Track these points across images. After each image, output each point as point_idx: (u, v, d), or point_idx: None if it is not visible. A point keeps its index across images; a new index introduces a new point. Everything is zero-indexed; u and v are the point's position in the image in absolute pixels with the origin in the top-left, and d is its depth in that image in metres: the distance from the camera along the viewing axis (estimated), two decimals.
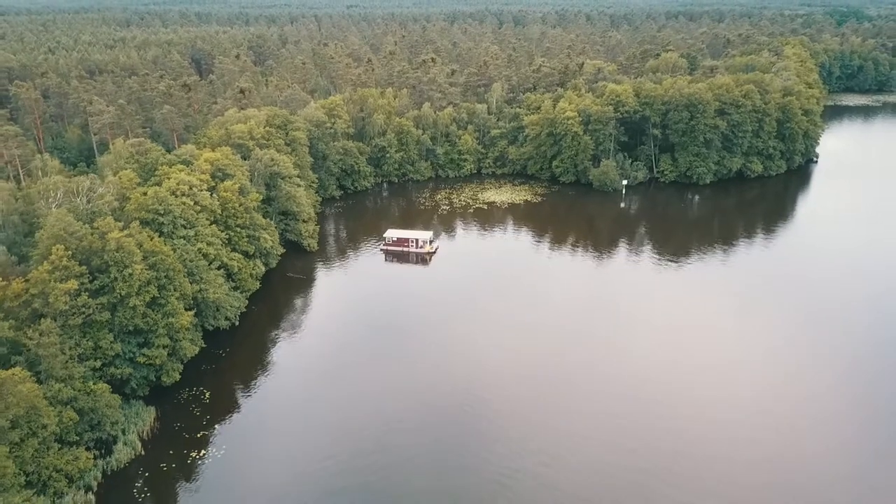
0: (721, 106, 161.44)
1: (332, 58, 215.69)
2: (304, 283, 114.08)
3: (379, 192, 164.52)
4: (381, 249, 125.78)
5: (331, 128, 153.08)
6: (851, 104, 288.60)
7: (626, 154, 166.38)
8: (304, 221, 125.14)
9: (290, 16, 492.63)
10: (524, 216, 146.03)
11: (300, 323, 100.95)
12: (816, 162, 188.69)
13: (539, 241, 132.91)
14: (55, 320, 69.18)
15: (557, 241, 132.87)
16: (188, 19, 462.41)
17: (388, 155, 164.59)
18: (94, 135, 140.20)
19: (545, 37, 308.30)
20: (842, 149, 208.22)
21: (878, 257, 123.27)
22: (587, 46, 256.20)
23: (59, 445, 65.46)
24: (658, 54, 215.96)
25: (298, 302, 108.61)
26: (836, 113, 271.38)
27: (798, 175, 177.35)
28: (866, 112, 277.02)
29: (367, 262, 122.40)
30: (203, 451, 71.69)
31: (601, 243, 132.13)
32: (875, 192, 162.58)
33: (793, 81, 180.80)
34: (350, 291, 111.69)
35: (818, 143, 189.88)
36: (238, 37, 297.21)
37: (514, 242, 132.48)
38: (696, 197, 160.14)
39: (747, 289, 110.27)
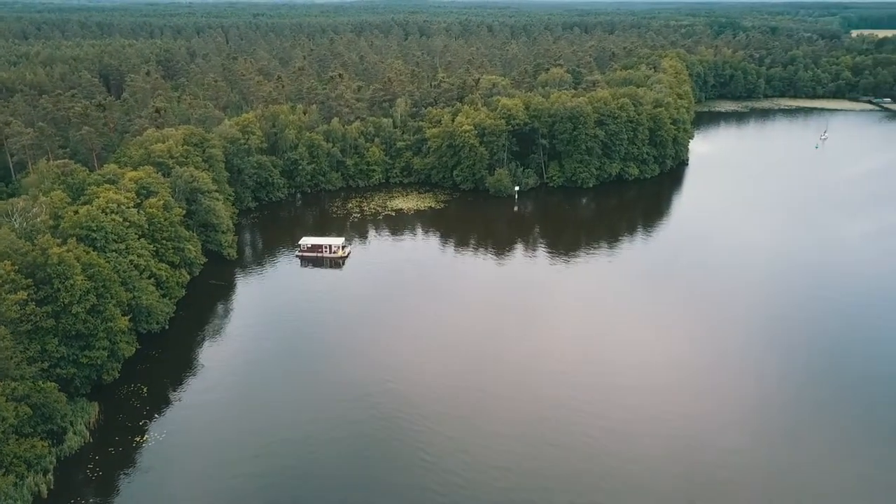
0: (600, 117, 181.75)
1: (242, 74, 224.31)
2: (226, 290, 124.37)
3: (293, 202, 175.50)
4: (297, 256, 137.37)
5: (245, 144, 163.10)
6: (724, 110, 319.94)
7: (518, 162, 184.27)
8: (223, 232, 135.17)
9: (195, 26, 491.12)
10: (429, 221, 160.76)
11: (224, 325, 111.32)
12: (688, 164, 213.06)
13: (444, 244, 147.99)
14: (7, 327, 78.19)
15: (461, 243, 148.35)
16: (89, 30, 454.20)
17: (300, 167, 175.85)
18: (12, 156, 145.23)
19: (448, 50, 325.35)
20: (713, 151, 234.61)
21: (743, 245, 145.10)
22: (486, 60, 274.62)
23: (17, 437, 74.72)
24: (548, 69, 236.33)
25: (221, 307, 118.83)
26: (711, 118, 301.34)
27: (671, 176, 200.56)
28: (737, 117, 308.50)
29: (284, 268, 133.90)
30: (146, 437, 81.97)
31: (500, 244, 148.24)
32: (738, 189, 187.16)
33: (664, 94, 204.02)
34: (269, 295, 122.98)
35: (688, 148, 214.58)
36: (145, 50, 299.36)
37: (422, 245, 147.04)
38: (584, 199, 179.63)
39: (633, 278, 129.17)
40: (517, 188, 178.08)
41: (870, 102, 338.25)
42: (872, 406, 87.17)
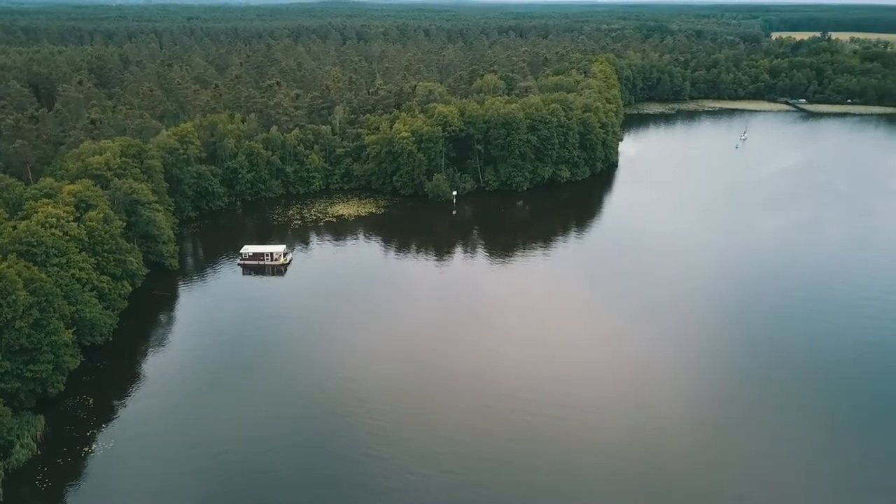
0: (532, 123, 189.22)
1: (179, 83, 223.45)
2: (169, 300, 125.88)
3: (234, 211, 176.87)
4: (239, 264, 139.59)
5: (184, 154, 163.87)
6: (652, 112, 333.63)
7: (455, 167, 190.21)
8: (164, 243, 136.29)
9: (127, 30, 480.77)
10: (371, 226, 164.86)
11: (167, 335, 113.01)
12: (617, 166, 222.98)
13: (386, 248, 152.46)
14: None
15: (402, 248, 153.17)
16: (14, 35, 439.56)
17: (240, 176, 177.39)
18: None
19: (385, 55, 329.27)
20: (642, 152, 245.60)
21: (671, 241, 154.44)
22: (422, 66, 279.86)
23: None
24: (482, 75, 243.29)
25: (164, 317, 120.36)
26: (640, 120, 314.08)
27: (601, 178, 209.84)
28: (664, 118, 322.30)
29: (226, 277, 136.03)
30: (94, 447, 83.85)
31: (440, 247, 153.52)
32: (665, 189, 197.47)
33: (592, 98, 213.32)
34: (212, 304, 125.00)
35: (617, 150, 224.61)
36: (76, 58, 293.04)
37: (364, 250, 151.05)
38: (519, 202, 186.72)
39: (568, 275, 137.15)
40: (455, 192, 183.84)
41: (786, 103, 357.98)
42: (811, 395, 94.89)
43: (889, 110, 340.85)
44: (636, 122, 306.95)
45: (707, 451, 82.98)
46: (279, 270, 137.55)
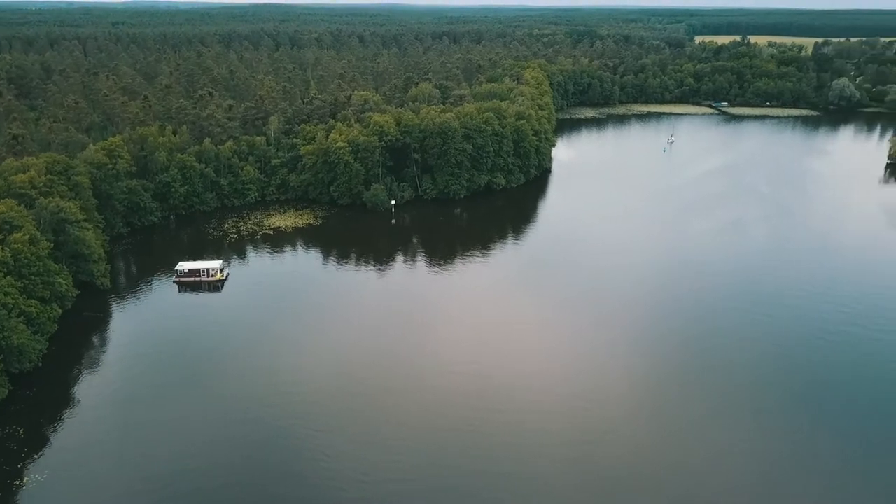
0: (467, 132, 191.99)
1: (105, 94, 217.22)
2: (101, 321, 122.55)
3: (167, 226, 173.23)
4: (175, 281, 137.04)
5: (113, 168, 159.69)
6: (584, 116, 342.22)
7: (393, 176, 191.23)
8: (95, 262, 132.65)
9: (48, 36, 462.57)
10: (309, 237, 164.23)
11: (100, 358, 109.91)
12: (551, 171, 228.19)
13: (325, 259, 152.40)
14: None
15: (341, 258, 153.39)
16: None
17: (173, 189, 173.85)
18: None
19: (319, 63, 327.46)
20: (574, 157, 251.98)
21: (604, 243, 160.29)
22: (357, 74, 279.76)
23: None
24: (417, 83, 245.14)
25: (97, 339, 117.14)
26: (572, 125, 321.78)
27: (536, 184, 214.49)
28: (596, 123, 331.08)
29: (161, 295, 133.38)
30: (25, 479, 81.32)
31: (380, 256, 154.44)
32: (596, 193, 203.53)
33: (525, 106, 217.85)
34: (146, 323, 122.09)
35: (550, 156, 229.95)
36: None
37: (303, 262, 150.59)
38: (457, 210, 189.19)
39: (507, 279, 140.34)
40: (394, 202, 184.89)
41: (710, 106, 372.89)
42: (737, 386, 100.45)
43: (804, 112, 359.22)
44: (569, 126, 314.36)
45: (651, 446, 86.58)
46: (216, 286, 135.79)
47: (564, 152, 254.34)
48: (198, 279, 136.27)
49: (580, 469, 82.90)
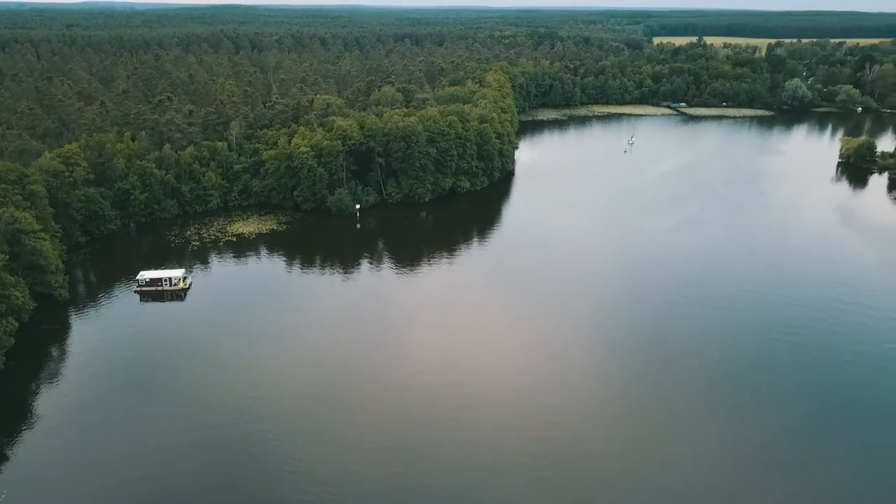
0: (431, 135, 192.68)
1: (60, 99, 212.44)
2: (60, 333, 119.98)
3: (127, 234, 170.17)
4: (136, 291, 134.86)
5: (69, 176, 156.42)
6: (546, 118, 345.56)
7: (357, 181, 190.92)
8: (52, 273, 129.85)
9: None
10: (273, 243, 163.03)
11: (60, 371, 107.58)
12: (514, 174, 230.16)
13: (290, 265, 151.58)
14: None
15: (306, 263, 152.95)
16: None
17: (132, 197, 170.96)
18: None
19: (281, 66, 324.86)
20: (537, 159, 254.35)
21: (568, 244, 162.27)
22: (319, 77, 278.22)
23: None
24: (380, 86, 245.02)
25: (56, 352, 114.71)
26: (535, 127, 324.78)
27: (499, 186, 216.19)
28: (558, 124, 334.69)
29: (123, 305, 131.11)
30: None
31: (346, 261, 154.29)
32: (559, 194, 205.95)
33: (488, 109, 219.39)
34: (107, 335, 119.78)
35: (514, 159, 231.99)
36: None
37: (267, 268, 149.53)
38: (422, 213, 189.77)
39: (473, 281, 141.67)
40: (358, 206, 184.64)
41: (668, 107, 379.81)
42: (700, 383, 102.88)
43: (759, 112, 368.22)
44: (531, 128, 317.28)
45: (617, 444, 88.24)
46: (178, 295, 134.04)
47: (527, 154, 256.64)
48: (160, 288, 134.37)
49: (548, 468, 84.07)
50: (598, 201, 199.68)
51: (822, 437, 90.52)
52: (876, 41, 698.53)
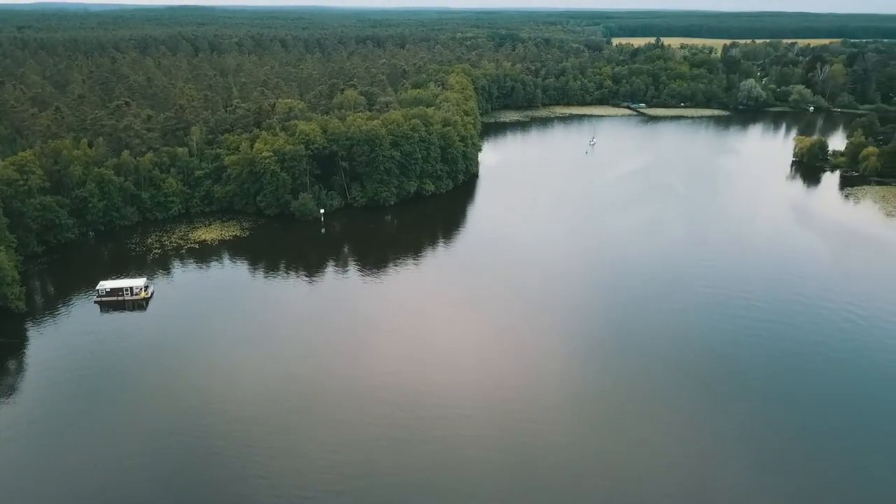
0: (395, 139, 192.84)
1: (13, 105, 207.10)
2: (16, 347, 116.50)
3: (86, 243, 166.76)
4: (96, 301, 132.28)
5: (24, 185, 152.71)
6: (508, 120, 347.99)
7: (321, 185, 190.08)
8: (7, 284, 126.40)
9: None
10: (236, 250, 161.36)
11: (16, 386, 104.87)
12: (478, 176, 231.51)
13: (254, 272, 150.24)
14: None
15: (271, 269, 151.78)
16: None
17: (90, 205, 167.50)
18: None
19: (241, 69, 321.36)
20: (500, 161, 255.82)
21: (533, 244, 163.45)
22: (281, 81, 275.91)
23: None
24: (343, 90, 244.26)
25: (13, 365, 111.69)
26: (497, 128, 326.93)
27: (464, 189, 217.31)
28: (520, 126, 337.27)
29: (82, 316, 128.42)
30: None
31: (311, 266, 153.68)
32: (523, 195, 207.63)
33: (451, 112, 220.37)
34: (67, 347, 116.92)
35: (477, 161, 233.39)
36: None
37: (231, 275, 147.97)
38: (388, 217, 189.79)
39: (441, 284, 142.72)
40: (322, 210, 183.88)
41: (628, 108, 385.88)
42: (660, 379, 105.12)
43: (716, 112, 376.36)
44: (494, 130, 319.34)
45: (580, 444, 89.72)
46: (140, 305, 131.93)
47: (491, 156, 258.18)
48: (121, 298, 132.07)
49: (518, 465, 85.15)
50: (561, 202, 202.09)
51: (781, 428, 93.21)
52: (826, 42, 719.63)
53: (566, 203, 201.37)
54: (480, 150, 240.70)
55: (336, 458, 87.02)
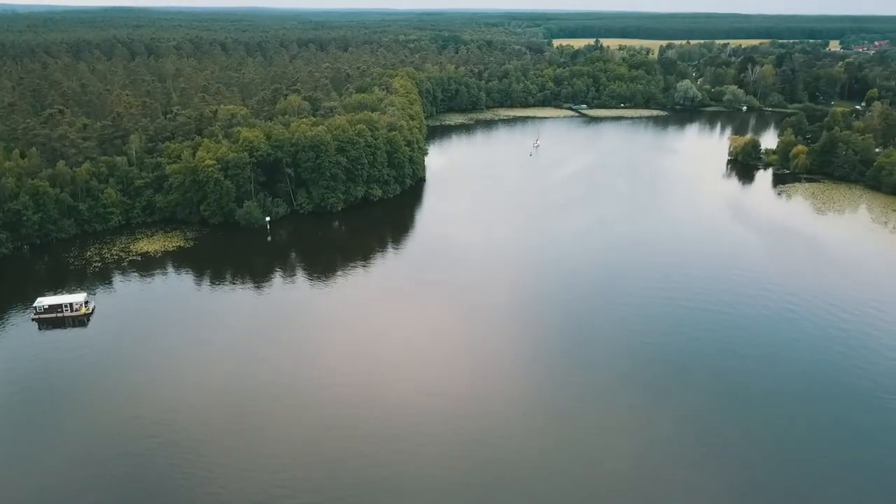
0: (340, 144, 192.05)
1: None
2: None
3: (20, 257, 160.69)
4: (33, 319, 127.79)
5: None
6: (453, 123, 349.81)
7: (266, 192, 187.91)
8: None
9: None
10: (180, 261, 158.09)
11: None
12: (425, 180, 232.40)
13: (199, 283, 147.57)
14: None
15: (217, 280, 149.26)
16: None
17: (24, 218, 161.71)
18: None
19: (180, 73, 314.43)
20: (447, 164, 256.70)
21: (482, 246, 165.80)
22: (222, 86, 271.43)
23: None
24: (286, 95, 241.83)
25: None
26: (443, 131, 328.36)
27: (411, 193, 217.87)
28: (465, 129, 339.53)
29: (19, 334, 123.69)
30: None
31: (258, 275, 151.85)
32: (470, 198, 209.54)
33: (397, 117, 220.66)
34: (3, 367, 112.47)
35: (424, 165, 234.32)
36: None
37: (175, 287, 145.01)
38: (335, 223, 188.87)
39: (391, 289, 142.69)
40: (269, 218, 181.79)
41: (571, 109, 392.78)
42: (610, 378, 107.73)
43: (655, 112, 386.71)
44: (439, 133, 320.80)
45: (534, 443, 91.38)
46: (81, 321, 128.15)
47: (437, 160, 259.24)
48: (60, 315, 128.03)
49: (469, 471, 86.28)
50: (508, 204, 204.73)
51: (724, 425, 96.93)
52: (756, 42, 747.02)
53: (513, 205, 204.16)
54: (427, 153, 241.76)
55: (288, 469, 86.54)
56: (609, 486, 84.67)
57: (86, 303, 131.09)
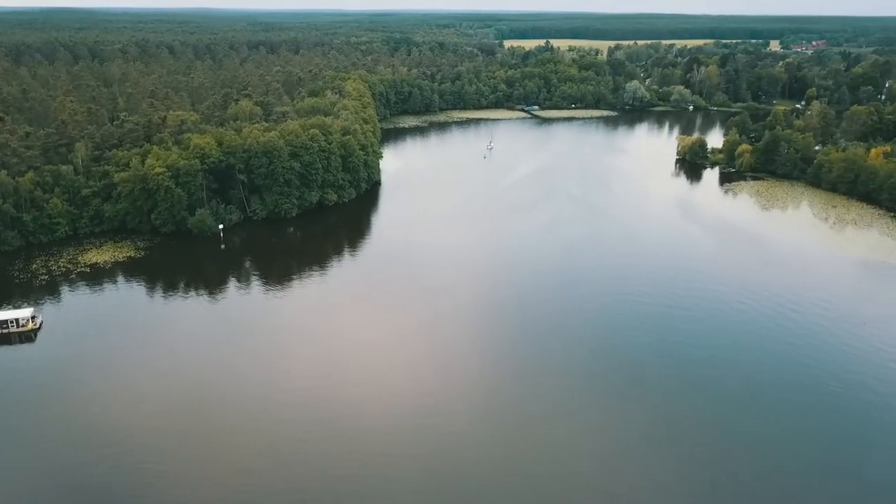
0: (293, 150, 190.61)
1: None
2: None
3: None
4: None
5: None
6: (407, 125, 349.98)
7: (219, 199, 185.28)
8: None
9: None
10: (131, 272, 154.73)
11: None
12: (381, 184, 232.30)
13: (151, 294, 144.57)
14: None
15: (169, 290, 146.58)
16: None
17: None
18: None
19: (127, 78, 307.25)
20: (402, 167, 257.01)
21: (439, 248, 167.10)
22: (170, 90, 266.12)
23: None
24: (237, 100, 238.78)
25: None
26: (397, 134, 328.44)
27: (367, 197, 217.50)
28: (419, 131, 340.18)
29: None
30: None
31: (212, 284, 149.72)
32: (426, 201, 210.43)
33: (350, 121, 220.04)
34: None
35: (379, 169, 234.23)
36: None
37: (126, 299, 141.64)
38: (290, 229, 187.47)
39: (348, 294, 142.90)
40: (221, 225, 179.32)
41: (523, 110, 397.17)
42: (568, 378, 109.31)
43: (605, 113, 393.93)
44: (393, 136, 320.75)
45: (497, 446, 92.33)
46: (28, 337, 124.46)
47: (392, 163, 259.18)
48: (6, 331, 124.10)
49: (429, 472, 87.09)
50: (464, 207, 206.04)
51: (688, 419, 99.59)
52: (701, 42, 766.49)
53: (469, 208, 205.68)
54: (381, 157, 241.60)
55: (248, 478, 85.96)
56: (573, 487, 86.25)
57: (32, 317, 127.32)
